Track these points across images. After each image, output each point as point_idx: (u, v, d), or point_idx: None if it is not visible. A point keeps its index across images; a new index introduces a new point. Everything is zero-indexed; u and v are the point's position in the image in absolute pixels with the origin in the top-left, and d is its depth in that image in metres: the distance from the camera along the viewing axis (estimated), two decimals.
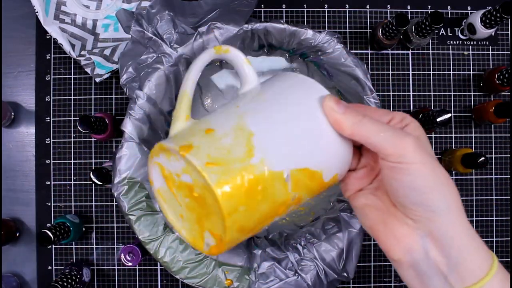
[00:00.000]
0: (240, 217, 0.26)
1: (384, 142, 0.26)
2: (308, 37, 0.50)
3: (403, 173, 0.26)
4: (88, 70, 0.55)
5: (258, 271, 0.48)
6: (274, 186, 0.26)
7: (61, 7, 0.58)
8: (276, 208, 0.27)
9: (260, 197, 0.26)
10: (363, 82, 0.49)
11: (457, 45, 0.61)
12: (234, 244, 0.28)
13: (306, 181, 0.28)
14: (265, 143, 0.27)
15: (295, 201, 0.28)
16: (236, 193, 0.25)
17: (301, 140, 0.28)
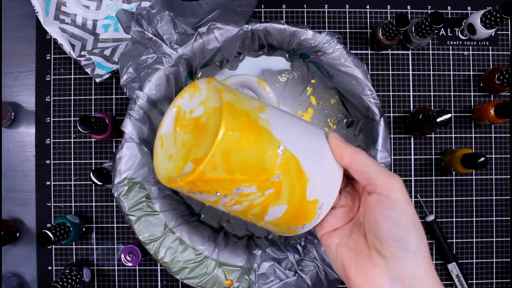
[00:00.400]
0: (230, 142, 0.27)
1: (378, 174, 0.29)
2: (308, 38, 0.50)
3: (389, 208, 0.28)
4: (88, 70, 0.55)
5: (258, 271, 0.48)
6: (267, 147, 0.28)
7: (61, 7, 0.58)
8: (258, 168, 0.28)
9: (253, 140, 0.28)
10: (363, 83, 0.49)
11: (457, 45, 0.61)
12: (207, 176, 0.27)
13: (293, 172, 0.29)
14: (276, 116, 0.30)
15: (275, 185, 0.28)
16: (238, 117, 0.28)
17: (304, 137, 0.30)
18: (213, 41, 0.49)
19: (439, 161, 0.60)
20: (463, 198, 0.60)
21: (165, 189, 0.50)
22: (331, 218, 0.32)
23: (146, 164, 0.48)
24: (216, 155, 0.27)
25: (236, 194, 0.28)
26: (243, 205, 0.29)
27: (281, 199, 0.29)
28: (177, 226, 0.48)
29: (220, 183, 0.28)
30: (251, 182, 0.28)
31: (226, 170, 0.27)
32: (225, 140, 0.27)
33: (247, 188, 0.28)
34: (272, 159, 0.28)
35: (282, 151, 0.28)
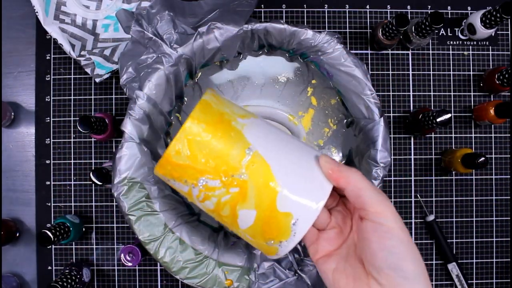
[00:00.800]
0: (195, 132, 0.29)
1: (372, 200, 0.28)
2: (308, 37, 0.50)
3: (385, 237, 0.27)
4: (88, 70, 0.55)
5: (258, 271, 0.48)
6: (234, 145, 0.29)
7: (61, 7, 0.58)
8: (222, 162, 0.29)
9: (220, 135, 0.30)
10: (363, 82, 0.49)
11: (457, 45, 0.61)
12: (173, 160, 0.30)
13: (260, 176, 0.29)
14: (257, 125, 0.31)
15: (240, 184, 0.29)
16: (210, 114, 0.30)
17: (286, 149, 0.30)
18: (213, 41, 0.49)
19: (439, 161, 0.60)
20: (463, 198, 0.60)
21: (165, 189, 0.50)
22: (323, 242, 0.32)
23: (146, 163, 0.48)
24: (180, 142, 0.29)
25: (202, 186, 0.30)
26: (212, 201, 0.30)
27: (248, 202, 0.29)
28: (177, 226, 0.48)
29: (185, 170, 0.30)
30: (214, 174, 0.29)
31: (190, 158, 0.29)
32: (189, 129, 0.29)
33: (211, 181, 0.29)
34: (237, 157, 0.29)
35: (251, 153, 0.29)
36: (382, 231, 0.27)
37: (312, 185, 0.29)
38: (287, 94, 0.57)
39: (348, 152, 0.56)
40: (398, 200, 0.60)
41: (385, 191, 0.60)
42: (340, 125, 0.57)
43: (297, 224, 0.29)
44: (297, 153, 0.31)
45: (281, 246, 0.30)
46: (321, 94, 0.57)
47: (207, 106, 0.31)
